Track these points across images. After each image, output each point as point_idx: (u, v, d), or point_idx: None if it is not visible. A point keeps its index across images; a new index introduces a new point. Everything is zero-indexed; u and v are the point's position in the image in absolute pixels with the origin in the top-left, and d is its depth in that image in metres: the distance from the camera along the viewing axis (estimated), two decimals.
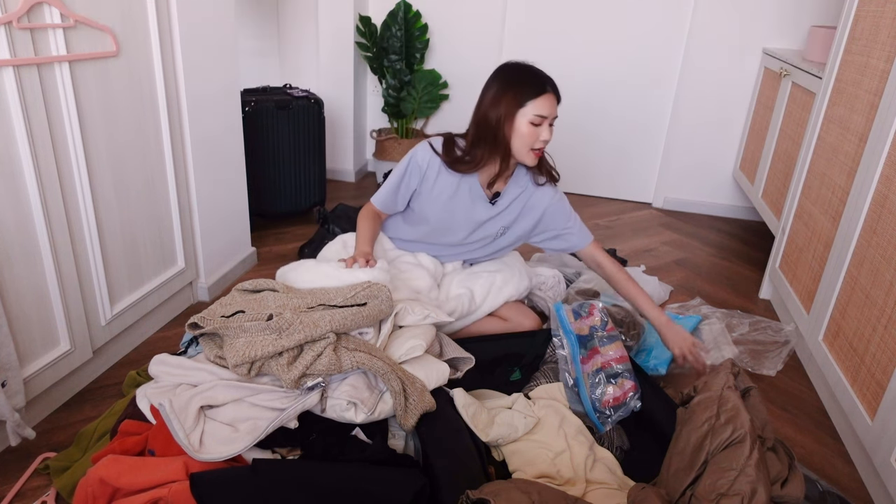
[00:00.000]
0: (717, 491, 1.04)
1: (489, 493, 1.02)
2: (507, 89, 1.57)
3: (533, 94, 1.55)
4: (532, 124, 1.56)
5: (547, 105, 1.56)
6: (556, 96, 1.59)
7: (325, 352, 1.23)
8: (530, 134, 1.56)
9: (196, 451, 1.11)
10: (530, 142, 1.57)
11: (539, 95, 1.55)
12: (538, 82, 1.57)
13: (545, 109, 1.55)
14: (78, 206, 1.45)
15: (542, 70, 1.61)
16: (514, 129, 1.57)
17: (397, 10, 3.06)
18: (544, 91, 1.56)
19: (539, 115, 1.55)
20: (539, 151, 1.61)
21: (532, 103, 1.55)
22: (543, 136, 1.57)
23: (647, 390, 1.48)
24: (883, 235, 1.43)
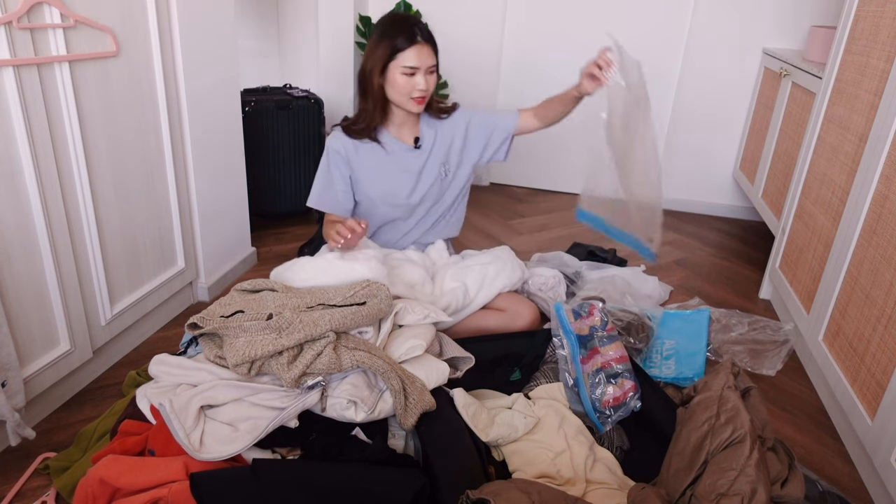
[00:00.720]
0: (717, 491, 1.04)
1: (489, 493, 1.02)
2: (379, 43, 1.63)
3: (402, 45, 1.60)
4: (405, 75, 1.62)
5: (416, 56, 1.60)
6: (431, 45, 1.63)
7: (325, 351, 1.23)
8: (405, 84, 1.63)
9: (196, 451, 1.11)
10: (406, 92, 1.63)
11: (408, 47, 1.60)
12: (408, 34, 1.60)
13: (415, 60, 1.60)
14: (78, 205, 1.45)
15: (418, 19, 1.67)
16: (388, 80, 1.64)
17: (397, 10, 3.06)
18: (413, 42, 1.60)
19: (408, 66, 1.61)
20: (421, 99, 1.66)
21: (401, 55, 1.61)
22: (419, 85, 1.63)
23: (647, 390, 1.48)
24: (883, 235, 1.43)
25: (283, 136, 2.51)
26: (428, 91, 1.66)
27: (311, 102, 2.55)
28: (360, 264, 1.49)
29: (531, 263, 2.29)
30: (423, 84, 1.63)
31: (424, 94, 1.65)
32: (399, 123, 1.77)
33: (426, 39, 1.63)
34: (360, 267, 1.48)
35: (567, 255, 2.40)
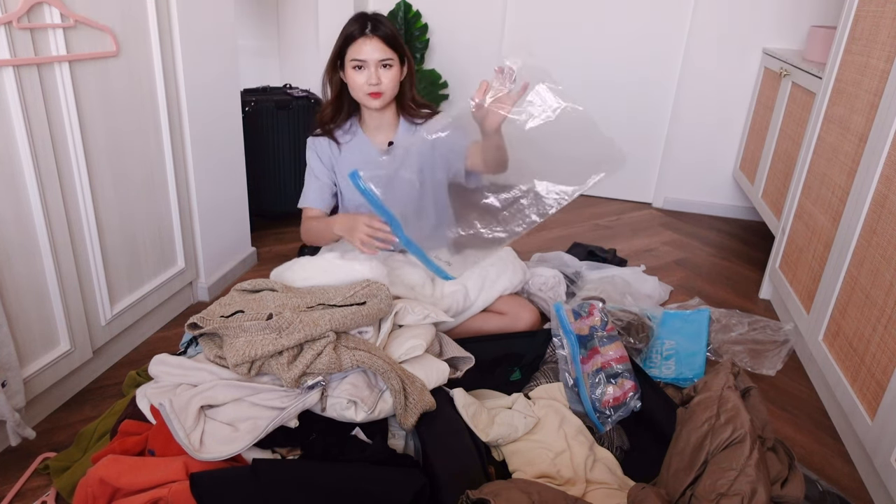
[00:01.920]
0: (716, 491, 1.04)
1: (489, 493, 1.02)
2: (336, 43, 1.62)
3: (350, 38, 1.58)
4: (354, 68, 1.59)
5: (363, 48, 1.56)
6: (383, 39, 1.56)
7: (325, 350, 1.23)
8: (355, 79, 1.59)
9: (196, 451, 1.11)
10: (359, 86, 1.60)
11: (355, 40, 1.57)
12: (358, 27, 1.57)
13: (362, 53, 1.56)
14: (78, 205, 1.45)
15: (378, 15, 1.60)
16: (345, 75, 1.62)
17: (397, 10, 3.06)
18: (361, 35, 1.56)
19: (355, 59, 1.57)
20: (375, 94, 1.60)
21: (350, 48, 1.58)
22: (371, 80, 1.57)
23: (647, 390, 1.48)
24: (883, 235, 1.43)
25: (283, 136, 2.51)
26: (381, 86, 1.59)
27: (311, 102, 2.55)
28: (361, 264, 1.48)
29: (531, 263, 2.28)
30: (374, 78, 1.57)
31: (377, 89, 1.59)
32: (375, 126, 1.72)
33: (376, 32, 1.57)
34: (360, 267, 1.47)
35: (567, 255, 2.40)
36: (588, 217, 3.00)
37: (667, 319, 1.84)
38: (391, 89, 1.62)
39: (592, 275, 2.15)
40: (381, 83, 1.58)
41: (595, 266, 2.28)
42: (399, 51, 1.61)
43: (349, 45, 1.58)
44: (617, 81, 3.08)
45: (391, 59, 1.59)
